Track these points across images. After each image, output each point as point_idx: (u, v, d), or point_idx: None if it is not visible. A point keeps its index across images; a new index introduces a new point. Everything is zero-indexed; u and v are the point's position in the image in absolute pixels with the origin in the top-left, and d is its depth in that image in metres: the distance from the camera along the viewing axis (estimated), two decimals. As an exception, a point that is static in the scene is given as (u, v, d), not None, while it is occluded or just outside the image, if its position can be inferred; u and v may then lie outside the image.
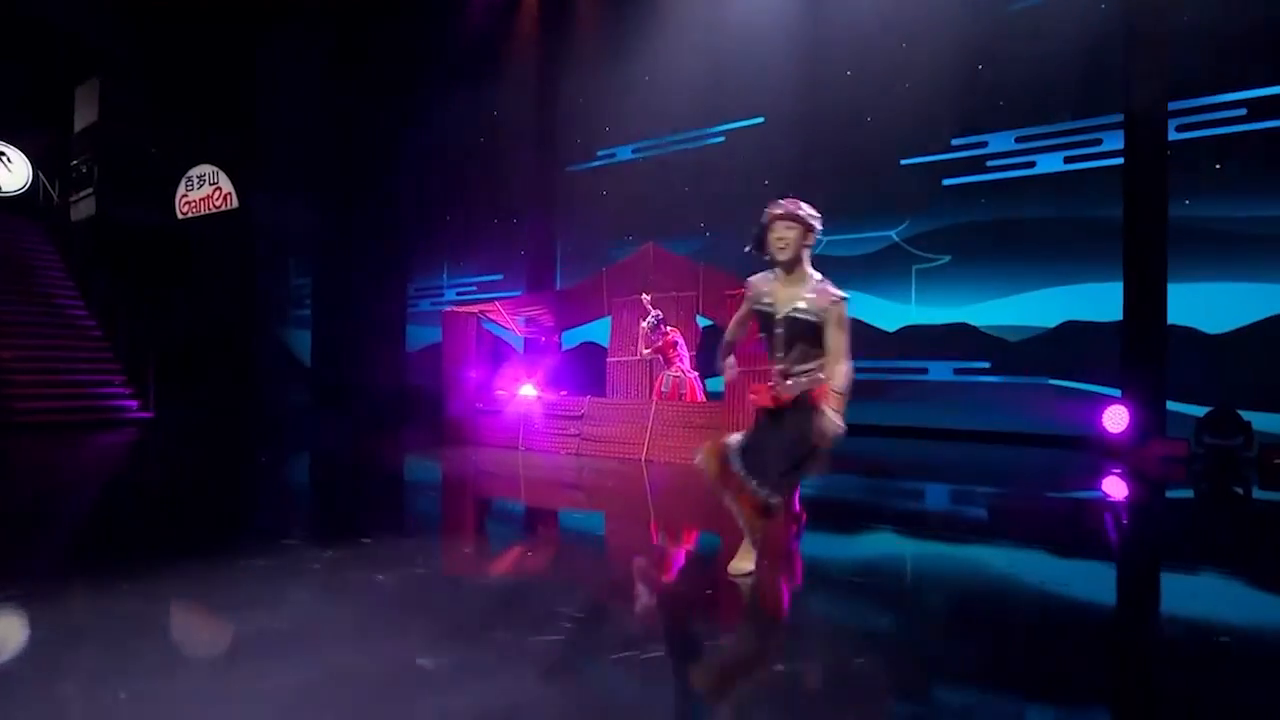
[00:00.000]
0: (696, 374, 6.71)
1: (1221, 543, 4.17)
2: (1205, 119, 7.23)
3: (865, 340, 9.28)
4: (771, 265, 2.70)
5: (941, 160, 8.89)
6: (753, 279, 2.77)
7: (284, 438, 9.00)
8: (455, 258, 13.19)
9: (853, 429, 6.71)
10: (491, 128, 12.33)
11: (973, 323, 8.70)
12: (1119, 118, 7.71)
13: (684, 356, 6.65)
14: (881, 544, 4.00)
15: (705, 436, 5.65)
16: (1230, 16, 6.90)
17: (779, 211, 2.64)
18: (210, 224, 10.32)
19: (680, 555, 3.80)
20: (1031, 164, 8.35)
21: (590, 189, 11.85)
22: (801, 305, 2.62)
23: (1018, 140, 8.41)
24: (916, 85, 8.88)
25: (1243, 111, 7.00)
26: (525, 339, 8.38)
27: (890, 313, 9.30)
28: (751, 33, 10.00)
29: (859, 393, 8.11)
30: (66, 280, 10.13)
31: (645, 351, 6.80)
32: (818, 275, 2.69)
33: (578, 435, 6.40)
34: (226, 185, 10.34)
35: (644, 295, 6.99)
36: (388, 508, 4.94)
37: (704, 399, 6.66)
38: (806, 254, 2.67)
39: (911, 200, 9.07)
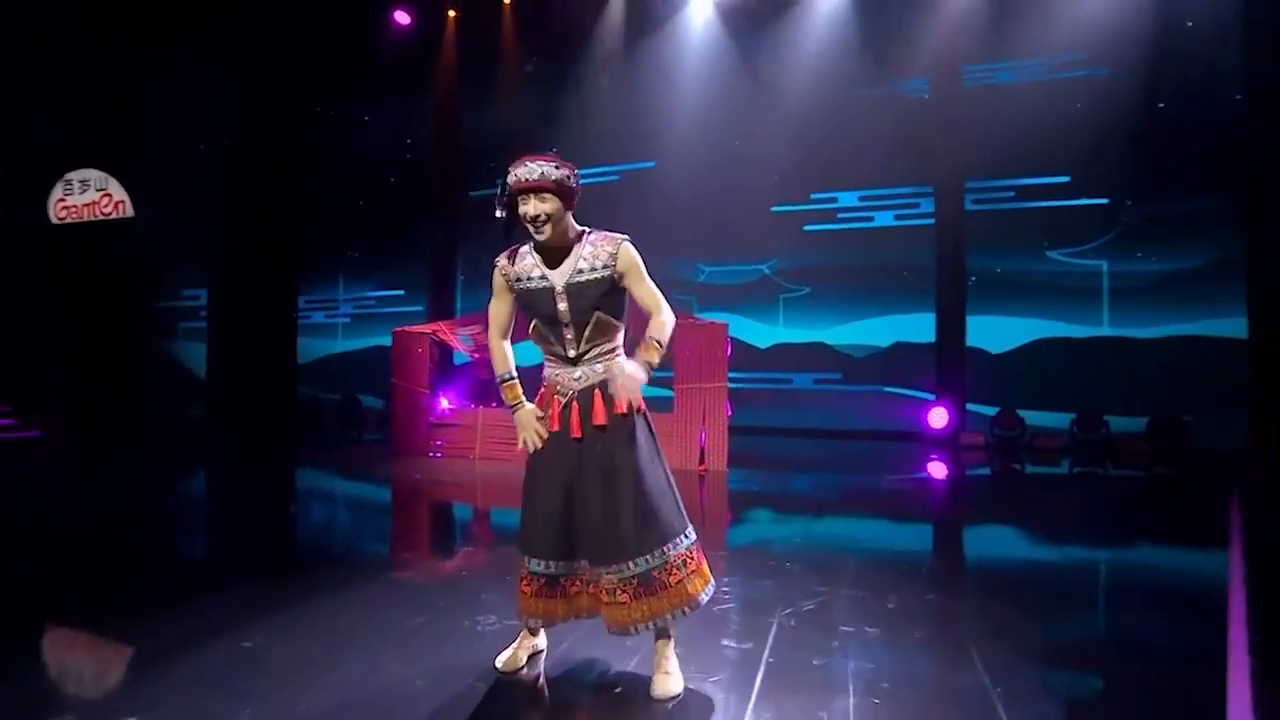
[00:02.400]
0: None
1: (1007, 502, 6.22)
2: (989, 196, 9.82)
3: (743, 356, 11.07)
4: (517, 239, 2.19)
5: (803, 210, 10.92)
6: (500, 259, 2.18)
7: (227, 456, 8.91)
8: (352, 272, 13.30)
9: (731, 430, 7.99)
10: (395, 147, 12.69)
11: (828, 342, 10.78)
12: (930, 188, 10.14)
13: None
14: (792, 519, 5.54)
15: (663, 444, 6.79)
16: (1005, 121, 9.44)
17: (530, 182, 2.01)
18: (96, 232, 9.69)
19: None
20: (870, 218, 10.61)
21: (489, 214, 12.61)
22: (584, 265, 2.08)
23: (860, 199, 10.63)
24: (784, 148, 10.78)
25: (1011, 194, 9.67)
26: (470, 355, 9.11)
27: (762, 333, 11.17)
28: (651, 84, 11.39)
29: (739, 400, 9.31)
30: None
31: None
32: (585, 229, 2.16)
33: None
34: (119, 193, 9.75)
35: None
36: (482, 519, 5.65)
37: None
38: (570, 220, 2.12)
39: (779, 241, 11.01)
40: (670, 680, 2.17)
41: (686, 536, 2.18)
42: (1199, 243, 8.76)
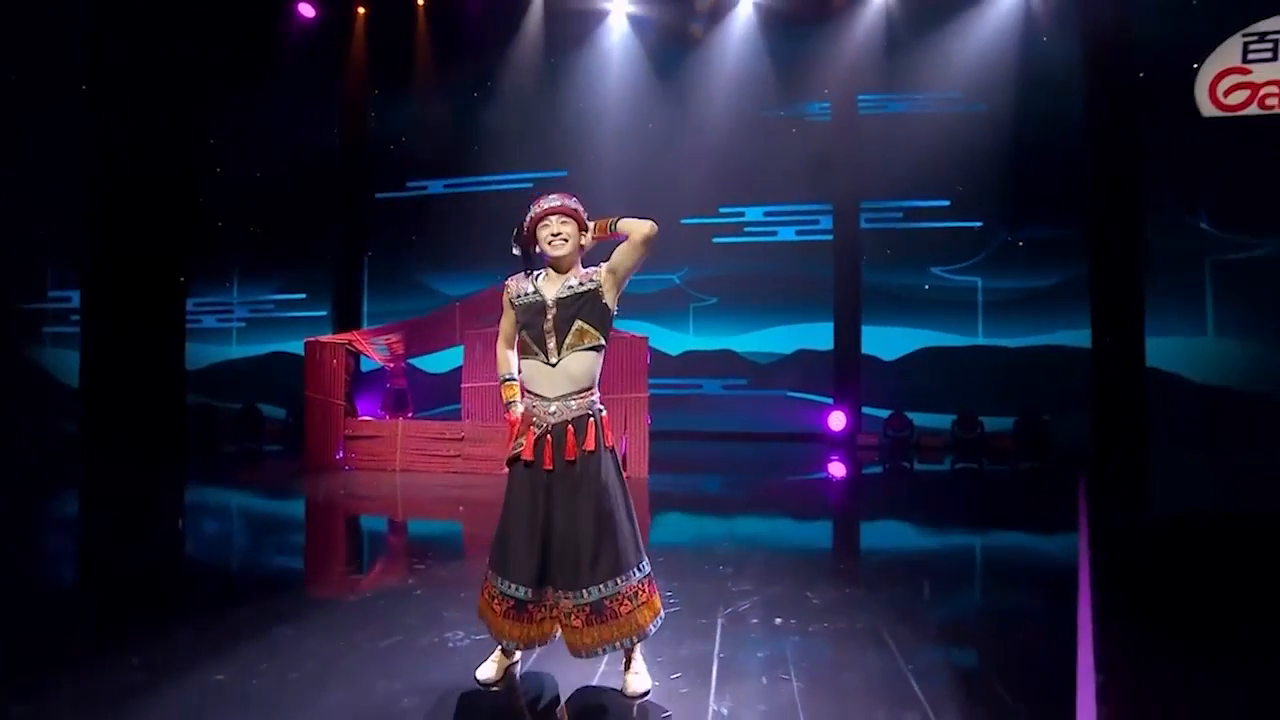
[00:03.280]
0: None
1: (900, 498, 6.93)
2: (880, 215, 10.71)
3: (656, 363, 11.44)
4: (535, 267, 2.50)
5: (712, 223, 11.43)
6: (508, 280, 2.54)
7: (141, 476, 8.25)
8: (248, 274, 12.60)
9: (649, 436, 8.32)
10: (296, 143, 12.08)
11: (735, 349, 11.35)
12: (829, 206, 10.91)
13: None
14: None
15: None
16: (895, 147, 10.31)
17: (554, 205, 2.41)
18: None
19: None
20: (774, 233, 11.28)
21: (399, 218, 12.36)
22: (573, 282, 2.40)
23: (766, 214, 11.28)
24: (694, 163, 11.21)
25: (900, 215, 10.60)
26: (384, 365, 8.94)
27: (673, 340, 11.59)
28: (566, 94, 11.50)
29: (652, 405, 9.58)
30: None
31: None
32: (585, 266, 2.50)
33: (458, 455, 7.42)
34: (-30, 183, 8.75)
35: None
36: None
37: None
38: (579, 255, 2.47)
39: (689, 252, 11.45)
40: (638, 679, 2.44)
41: (640, 570, 2.37)
42: (1054, 263, 9.95)
